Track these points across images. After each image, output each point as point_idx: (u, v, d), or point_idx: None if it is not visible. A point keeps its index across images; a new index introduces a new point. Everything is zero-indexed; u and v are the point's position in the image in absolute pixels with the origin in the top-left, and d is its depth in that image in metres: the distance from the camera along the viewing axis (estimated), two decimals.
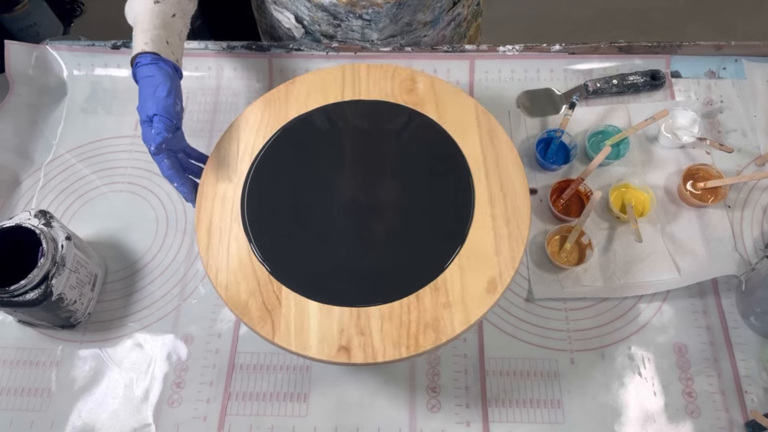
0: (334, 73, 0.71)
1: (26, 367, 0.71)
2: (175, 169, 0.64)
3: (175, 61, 0.67)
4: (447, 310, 0.56)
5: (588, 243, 0.74)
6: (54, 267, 0.65)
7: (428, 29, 0.89)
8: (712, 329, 0.72)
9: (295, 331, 0.56)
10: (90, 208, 0.82)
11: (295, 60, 0.90)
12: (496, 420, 0.67)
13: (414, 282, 0.58)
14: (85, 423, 0.68)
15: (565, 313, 0.73)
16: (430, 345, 0.55)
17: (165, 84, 0.63)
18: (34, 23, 1.83)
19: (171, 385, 0.70)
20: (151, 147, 0.62)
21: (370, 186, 0.65)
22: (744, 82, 0.87)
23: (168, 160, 0.63)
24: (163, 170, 0.64)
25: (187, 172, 0.67)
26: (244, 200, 0.64)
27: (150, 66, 0.64)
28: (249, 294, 0.58)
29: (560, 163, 0.80)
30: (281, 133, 0.67)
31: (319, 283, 0.59)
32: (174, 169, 0.64)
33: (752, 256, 0.75)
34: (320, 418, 0.68)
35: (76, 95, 0.91)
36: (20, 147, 0.86)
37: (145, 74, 0.64)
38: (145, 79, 0.64)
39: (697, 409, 0.67)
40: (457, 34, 0.95)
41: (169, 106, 0.63)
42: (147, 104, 0.63)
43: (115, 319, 0.74)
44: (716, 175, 0.78)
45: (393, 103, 0.68)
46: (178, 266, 0.77)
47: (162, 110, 0.62)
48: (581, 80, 0.88)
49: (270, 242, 0.61)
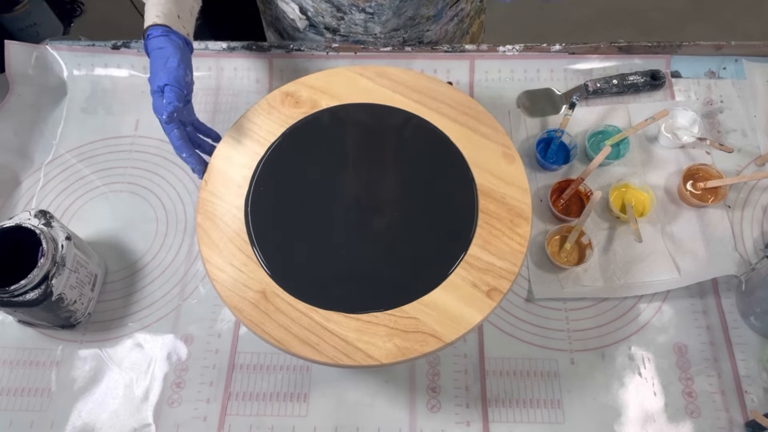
0: (345, 73, 0.71)
1: (26, 367, 0.71)
2: (184, 140, 0.65)
3: (186, 35, 0.68)
4: (448, 314, 0.56)
5: (588, 243, 0.74)
6: (54, 267, 0.65)
7: (431, 23, 0.89)
8: (712, 329, 0.72)
9: (295, 332, 0.56)
10: (90, 208, 0.82)
11: (296, 60, 0.90)
12: (496, 420, 0.67)
13: (417, 288, 0.58)
14: (85, 423, 0.68)
15: (565, 313, 0.73)
16: (431, 349, 0.55)
17: (175, 55, 0.64)
18: (34, 23, 1.83)
19: (171, 385, 0.70)
20: (162, 116, 0.63)
21: (373, 191, 0.65)
22: (744, 82, 0.87)
23: (178, 131, 0.65)
24: (173, 140, 0.65)
25: (195, 146, 0.68)
26: (248, 201, 0.63)
27: (161, 38, 0.65)
28: (250, 295, 0.58)
29: (560, 163, 0.80)
30: (283, 137, 0.67)
31: (319, 287, 0.59)
32: (183, 140, 0.65)
33: (752, 256, 0.75)
34: (320, 418, 0.68)
35: (76, 95, 0.91)
36: (20, 147, 0.86)
37: (156, 46, 0.65)
38: (156, 51, 0.65)
39: (697, 409, 0.67)
40: (459, 30, 0.95)
41: (180, 76, 0.64)
42: (158, 75, 0.64)
43: (115, 319, 0.74)
44: (716, 175, 0.78)
45: (396, 107, 0.68)
46: (178, 266, 0.77)
47: (173, 80, 0.63)
48: (581, 80, 0.88)
49: (272, 245, 0.61)
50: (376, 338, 0.55)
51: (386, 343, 0.55)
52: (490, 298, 0.57)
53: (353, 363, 0.54)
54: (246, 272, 0.59)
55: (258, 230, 0.62)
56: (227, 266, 0.60)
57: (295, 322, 0.57)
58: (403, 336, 0.55)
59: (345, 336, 0.56)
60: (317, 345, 0.55)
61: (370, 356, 0.54)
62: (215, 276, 0.59)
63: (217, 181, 0.65)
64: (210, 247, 0.61)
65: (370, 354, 0.55)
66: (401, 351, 0.54)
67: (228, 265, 0.60)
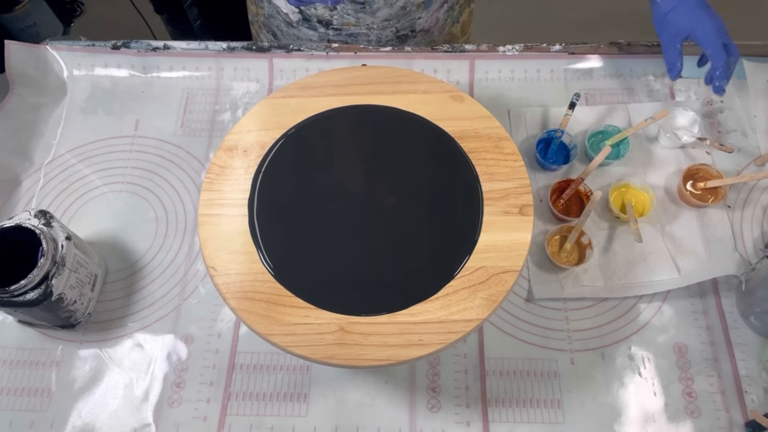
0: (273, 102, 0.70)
1: (26, 367, 0.71)
2: None
3: None
4: (503, 247, 0.59)
5: (588, 243, 0.74)
6: (54, 267, 0.65)
7: (422, 11, 0.89)
8: (712, 329, 0.72)
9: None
10: (90, 208, 0.82)
11: (295, 60, 0.90)
12: (496, 420, 0.67)
13: (465, 242, 0.60)
14: (85, 423, 0.68)
15: (565, 313, 0.73)
16: (510, 283, 0.57)
17: None
18: (34, 23, 1.83)
19: (171, 385, 0.70)
20: None
21: (377, 193, 0.65)
22: (744, 82, 0.87)
23: None
24: None
25: None
26: (253, 202, 0.63)
27: None
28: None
29: (560, 163, 0.80)
30: (286, 138, 0.67)
31: (322, 288, 0.59)
32: None
33: (752, 256, 0.75)
34: (320, 418, 0.68)
35: (76, 95, 0.91)
36: (20, 147, 0.86)
37: None
38: None
39: (697, 409, 0.67)
40: (450, 18, 0.96)
41: None
42: None
43: (115, 319, 0.74)
44: (716, 175, 0.78)
45: (400, 109, 0.69)
46: (178, 266, 0.77)
47: None
48: (581, 80, 0.88)
49: (275, 246, 0.61)
50: (463, 303, 0.57)
51: (473, 301, 0.57)
52: (524, 214, 0.61)
53: (458, 336, 0.56)
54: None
55: (262, 232, 0.62)
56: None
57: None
58: (483, 287, 0.58)
59: (438, 318, 0.57)
60: (420, 340, 0.56)
61: (470, 320, 0.56)
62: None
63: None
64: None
65: (469, 318, 0.56)
66: (490, 299, 0.57)
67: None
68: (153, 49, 0.91)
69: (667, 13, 0.76)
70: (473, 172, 0.64)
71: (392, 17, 0.88)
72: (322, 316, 0.57)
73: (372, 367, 0.55)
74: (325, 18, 0.89)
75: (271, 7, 0.92)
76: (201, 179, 0.83)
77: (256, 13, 0.99)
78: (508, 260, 0.59)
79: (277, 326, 0.57)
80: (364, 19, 0.88)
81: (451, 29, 0.99)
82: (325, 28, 0.90)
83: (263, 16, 0.97)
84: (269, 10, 0.94)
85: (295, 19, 0.90)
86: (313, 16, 0.89)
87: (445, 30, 0.97)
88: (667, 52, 0.77)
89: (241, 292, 0.58)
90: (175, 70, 0.91)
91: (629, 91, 0.88)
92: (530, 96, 0.88)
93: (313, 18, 0.89)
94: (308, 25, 0.91)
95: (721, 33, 0.73)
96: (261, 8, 0.96)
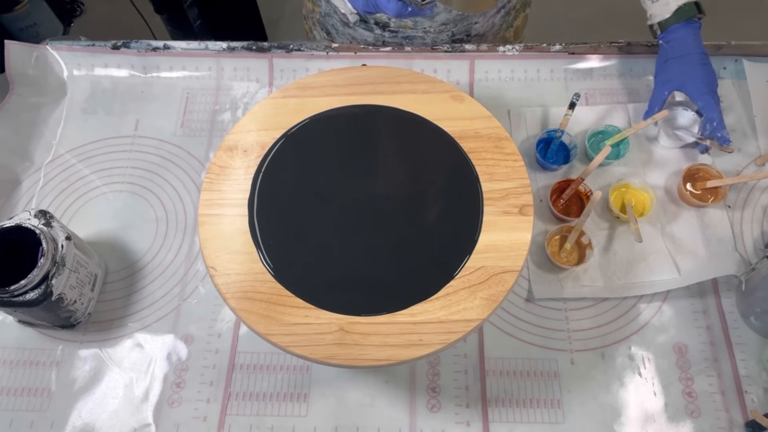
0: (273, 102, 0.70)
1: (26, 367, 0.71)
2: None
3: None
4: (503, 247, 0.60)
5: (588, 243, 0.74)
6: (54, 267, 0.65)
7: (479, 16, 0.89)
8: (712, 329, 0.72)
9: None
10: (90, 208, 0.82)
11: (296, 60, 0.90)
12: (496, 420, 0.67)
13: (464, 243, 0.60)
14: (85, 423, 0.68)
15: (565, 313, 0.73)
16: (510, 283, 0.57)
17: None
18: (34, 23, 1.83)
19: (171, 385, 0.70)
20: None
21: (377, 193, 0.65)
22: (744, 82, 0.87)
23: None
24: None
25: None
26: (253, 202, 0.63)
27: None
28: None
29: (560, 163, 0.80)
30: (286, 138, 0.67)
31: (322, 288, 0.59)
32: None
33: (752, 256, 0.75)
34: (320, 418, 0.68)
35: (76, 95, 0.91)
36: (20, 147, 0.86)
37: None
38: None
39: (697, 409, 0.67)
40: (505, 23, 0.95)
41: None
42: None
43: (115, 319, 0.74)
44: (716, 175, 0.78)
45: (400, 109, 0.69)
46: (178, 266, 0.77)
47: None
48: (581, 80, 0.88)
49: (275, 246, 0.61)
50: (463, 303, 0.57)
51: (473, 301, 0.57)
52: (524, 214, 0.61)
53: (458, 336, 0.55)
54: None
55: (262, 232, 0.62)
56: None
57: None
58: (483, 287, 0.58)
59: (438, 318, 0.57)
60: (420, 340, 0.56)
61: (470, 320, 0.56)
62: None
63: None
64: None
65: (469, 318, 0.56)
66: (490, 299, 0.57)
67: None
68: (153, 49, 0.91)
69: (667, 61, 0.78)
70: (473, 172, 0.64)
71: (450, 21, 0.88)
72: (322, 316, 0.57)
73: (372, 367, 0.55)
74: (383, 20, 0.89)
75: (329, 6, 0.92)
76: (201, 179, 0.83)
77: (311, 10, 0.99)
78: (508, 260, 0.59)
79: (277, 326, 0.57)
80: (422, 23, 0.88)
81: (505, 33, 0.99)
82: (381, 30, 0.90)
83: (319, 14, 0.96)
84: (326, 9, 0.93)
85: (353, 20, 0.89)
86: (371, 18, 0.89)
87: (499, 35, 0.97)
88: (654, 95, 0.80)
89: (241, 292, 0.58)
90: (175, 70, 0.92)
91: (629, 91, 0.88)
92: (530, 96, 0.88)
93: (370, 20, 0.89)
94: (365, 26, 0.91)
95: (711, 88, 0.76)
96: (318, 6, 0.95)
